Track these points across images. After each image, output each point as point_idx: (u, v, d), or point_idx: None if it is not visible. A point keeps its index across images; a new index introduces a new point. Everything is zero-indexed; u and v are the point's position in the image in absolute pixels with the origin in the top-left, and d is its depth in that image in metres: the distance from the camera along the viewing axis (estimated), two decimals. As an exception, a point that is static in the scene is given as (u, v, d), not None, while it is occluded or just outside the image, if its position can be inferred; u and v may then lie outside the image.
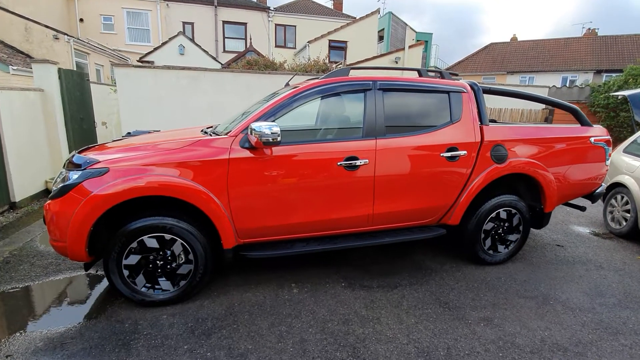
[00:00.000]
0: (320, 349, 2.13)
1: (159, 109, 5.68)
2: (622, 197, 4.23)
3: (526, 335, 2.34)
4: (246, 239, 2.65)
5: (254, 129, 2.33)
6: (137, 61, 10.42)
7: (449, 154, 2.89)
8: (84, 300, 2.63)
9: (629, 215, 4.09)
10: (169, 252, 2.45)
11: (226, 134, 2.52)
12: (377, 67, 3.09)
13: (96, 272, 3.02)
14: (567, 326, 2.45)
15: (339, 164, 2.63)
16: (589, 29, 24.57)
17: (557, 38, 24.73)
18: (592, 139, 3.37)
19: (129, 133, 5.43)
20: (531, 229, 3.51)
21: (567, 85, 19.75)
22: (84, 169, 2.29)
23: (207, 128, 3.33)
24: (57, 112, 5.06)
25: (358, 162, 2.65)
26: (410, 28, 21.90)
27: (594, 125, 3.52)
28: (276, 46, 17.32)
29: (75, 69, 10.14)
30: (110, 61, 12.59)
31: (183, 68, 5.66)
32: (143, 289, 2.47)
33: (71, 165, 2.43)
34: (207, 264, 2.53)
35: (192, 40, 11.76)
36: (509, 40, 26.64)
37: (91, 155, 2.42)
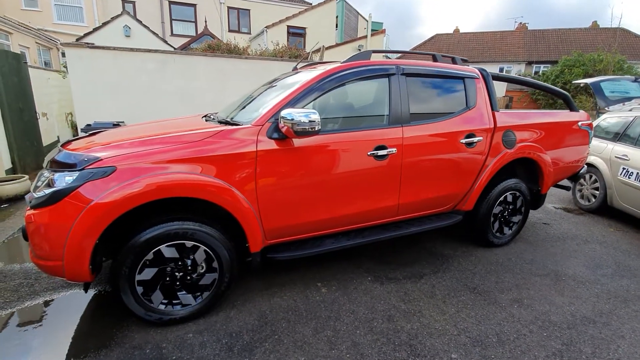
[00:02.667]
0: (377, 351, 2.00)
1: (120, 97, 4.99)
2: (591, 176, 4.65)
3: (557, 312, 2.44)
4: (272, 240, 2.41)
5: (286, 117, 2.07)
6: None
7: (467, 140, 2.89)
8: (81, 326, 2.18)
9: (597, 192, 4.51)
10: (189, 261, 2.13)
11: (250, 123, 2.22)
12: (396, 50, 2.97)
13: (82, 289, 2.55)
14: (586, 299, 2.61)
15: (369, 153, 2.48)
16: (521, 23, 26.85)
17: (494, 31, 26.70)
18: (579, 123, 3.62)
19: (88, 125, 4.72)
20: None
21: (505, 75, 21.43)
22: (82, 168, 1.86)
23: (204, 117, 2.96)
24: (-7, 101, 4.18)
25: (387, 151, 2.53)
26: (362, 17, 22.11)
27: (580, 111, 3.77)
28: (229, 31, 16.32)
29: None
30: (36, 42, 10.82)
31: (149, 50, 5.00)
32: (160, 307, 2.12)
33: (56, 165, 1.98)
34: (232, 271, 2.25)
35: (138, 20, 10.53)
36: (452, 32, 28.20)
37: (86, 151, 1.98)
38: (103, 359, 1.90)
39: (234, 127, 2.20)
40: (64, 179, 1.86)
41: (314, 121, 2.07)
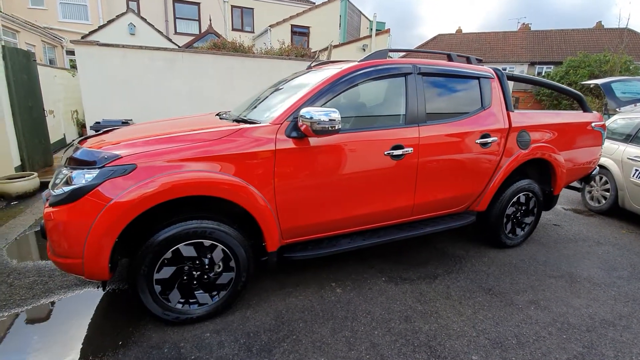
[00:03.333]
0: (396, 352, 1.99)
1: (128, 95, 4.98)
2: (601, 178, 4.63)
3: (574, 314, 2.42)
4: (289, 239, 2.40)
5: (305, 116, 2.05)
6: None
7: (482, 141, 2.87)
8: (97, 325, 2.17)
9: (607, 194, 4.49)
10: (206, 260, 2.11)
11: (268, 121, 2.21)
12: (413, 49, 2.95)
13: (97, 288, 2.54)
14: (603, 301, 2.59)
15: (385, 153, 2.46)
16: (524, 23, 26.75)
17: (497, 31, 26.63)
18: (593, 124, 3.59)
19: (97, 123, 4.71)
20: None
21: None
22: (102, 166, 1.85)
23: (217, 115, 2.96)
24: (3, 98, 4.16)
25: (404, 151, 2.51)
26: (365, 16, 22.04)
27: (593, 112, 3.75)
28: (233, 29, 16.29)
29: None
30: (42, 40, 10.82)
31: (158, 48, 5.00)
32: (177, 306, 2.11)
33: (74, 163, 1.96)
34: (249, 270, 2.24)
35: (143, 18, 10.52)
36: (454, 32, 28.17)
37: (105, 149, 1.96)
38: (121, 358, 1.89)
39: (252, 125, 2.19)
40: (84, 177, 1.85)
41: (335, 120, 2.05)
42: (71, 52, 12.59)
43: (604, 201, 4.55)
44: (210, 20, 13.82)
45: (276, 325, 2.18)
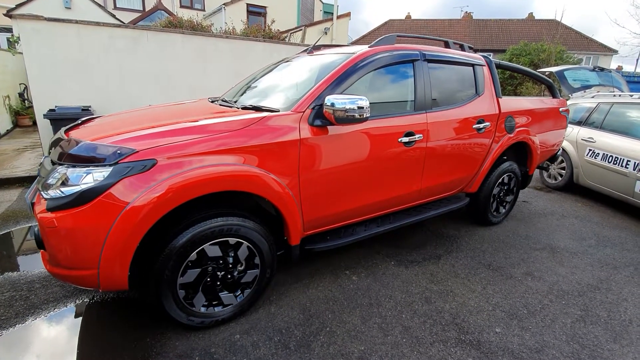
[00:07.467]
0: (428, 333, 2.06)
1: (84, 78, 4.38)
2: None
3: (564, 281, 2.70)
4: (309, 231, 2.33)
5: (333, 104, 1.97)
6: (5, 15, 7.69)
7: (478, 126, 3.01)
8: (107, 340, 1.94)
9: (563, 172, 5.01)
10: (230, 258, 1.98)
11: (290, 109, 2.09)
12: (422, 36, 2.94)
13: (92, 299, 2.27)
14: (583, 268, 2.92)
15: (399, 140, 2.48)
16: (466, 12, 28.29)
17: (443, 19, 27.96)
18: (560, 109, 3.95)
19: (52, 110, 4.11)
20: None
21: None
22: (116, 162, 1.62)
23: (213, 101, 2.75)
24: None
25: (415, 137, 2.55)
26: (319, -2, 21.65)
27: (560, 98, 4.11)
28: (181, 6, 15.09)
29: None
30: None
31: (119, 25, 4.42)
32: (202, 309, 1.96)
33: (74, 159, 1.70)
34: (273, 266, 2.15)
35: (80, -10, 9.26)
36: (404, 18, 28.97)
37: (115, 142, 1.71)
38: (148, 372, 1.72)
39: (274, 113, 2.05)
40: (92, 176, 1.61)
41: (363, 108, 2.00)
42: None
43: (560, 178, 5.08)
44: (157, -5, 12.61)
45: (305, 319, 2.14)
